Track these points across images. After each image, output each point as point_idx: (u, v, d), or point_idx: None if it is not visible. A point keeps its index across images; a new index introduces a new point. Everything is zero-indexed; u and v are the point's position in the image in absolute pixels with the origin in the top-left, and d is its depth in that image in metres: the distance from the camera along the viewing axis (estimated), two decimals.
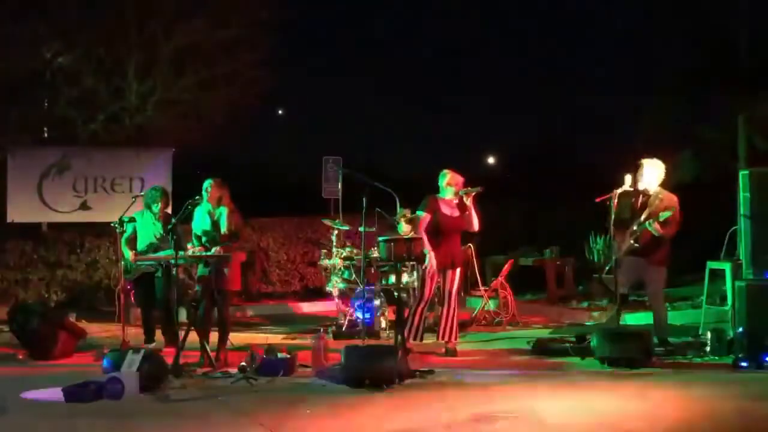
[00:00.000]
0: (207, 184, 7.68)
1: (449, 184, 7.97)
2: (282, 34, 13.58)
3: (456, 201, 7.98)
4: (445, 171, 8.04)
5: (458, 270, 8.04)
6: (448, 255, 7.91)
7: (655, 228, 7.68)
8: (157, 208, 8.49)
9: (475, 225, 8.00)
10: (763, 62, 11.82)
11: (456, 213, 7.99)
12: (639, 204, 7.87)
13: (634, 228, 7.82)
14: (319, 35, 17.06)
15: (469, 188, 7.93)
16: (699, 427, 5.48)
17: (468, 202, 7.91)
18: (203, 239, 7.67)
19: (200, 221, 7.68)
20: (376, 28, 18.19)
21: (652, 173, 7.87)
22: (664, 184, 8.05)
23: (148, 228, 8.51)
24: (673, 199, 7.85)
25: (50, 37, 12.61)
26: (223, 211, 7.65)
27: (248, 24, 13.16)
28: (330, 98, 18.36)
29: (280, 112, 20.35)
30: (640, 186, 7.87)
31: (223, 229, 7.59)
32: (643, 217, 7.80)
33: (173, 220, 7.66)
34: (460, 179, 7.99)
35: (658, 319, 7.98)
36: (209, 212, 7.69)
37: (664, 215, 7.62)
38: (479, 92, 19.02)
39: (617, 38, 14.13)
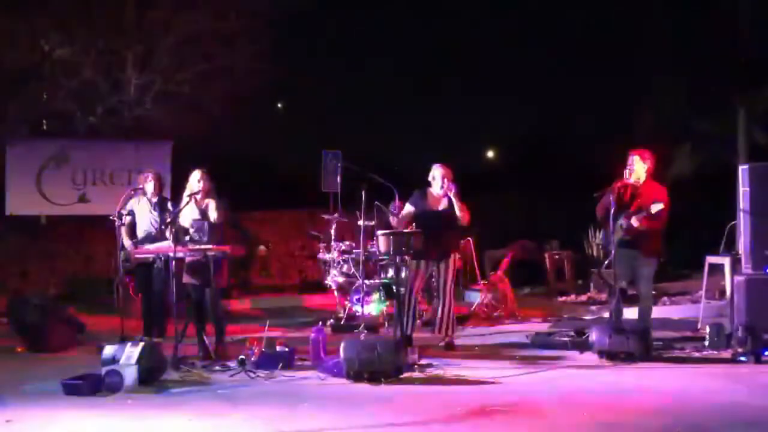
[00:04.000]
0: (197, 175, 7.69)
1: (433, 178, 8.00)
2: (282, 26, 13.54)
3: (443, 194, 7.97)
4: (435, 165, 8.06)
5: (451, 262, 8.01)
6: (438, 248, 7.90)
7: (636, 222, 7.65)
8: (149, 187, 8.50)
9: (462, 218, 7.95)
10: (764, 55, 11.80)
11: (443, 206, 7.98)
12: (628, 196, 7.84)
13: (623, 220, 7.78)
14: (318, 28, 16.99)
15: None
16: (698, 421, 5.48)
17: (451, 195, 7.91)
18: (191, 230, 7.67)
19: (188, 212, 7.68)
20: (376, 22, 18.13)
21: (641, 165, 7.85)
22: (660, 177, 8.04)
23: (144, 216, 8.55)
24: (662, 191, 7.83)
25: (49, 30, 12.58)
26: (211, 202, 7.67)
27: (248, 16, 13.12)
28: (330, 91, 18.31)
29: (279, 105, 20.31)
30: (630, 178, 7.84)
31: (213, 218, 7.60)
32: (633, 209, 7.77)
33: (173, 210, 7.68)
34: (439, 172, 7.98)
35: (643, 312, 7.96)
36: (196, 202, 7.69)
37: (656, 208, 7.59)
38: (479, 85, 18.96)
39: (616, 31, 14.09)
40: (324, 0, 15.60)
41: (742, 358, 7.16)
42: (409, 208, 8.08)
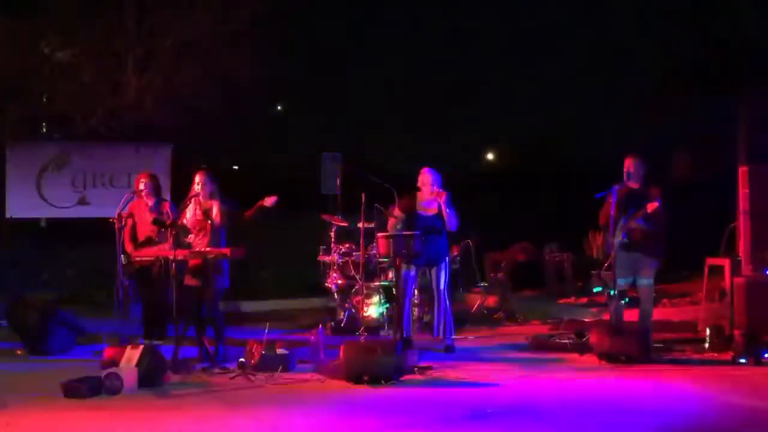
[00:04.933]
0: (199, 178, 7.70)
1: (423, 183, 8.00)
2: (281, 27, 13.54)
3: (432, 199, 7.97)
4: (423, 170, 8.06)
5: (443, 266, 8.01)
6: (430, 253, 7.90)
7: (633, 223, 7.65)
8: (143, 189, 8.49)
9: (451, 224, 7.95)
10: (764, 57, 11.80)
11: (433, 211, 7.99)
12: (627, 198, 7.84)
13: (623, 223, 7.78)
14: (318, 30, 17.00)
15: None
16: (698, 422, 5.48)
17: (441, 201, 7.91)
18: (192, 232, 7.68)
19: (192, 214, 7.69)
20: (376, 23, 18.15)
21: (637, 168, 7.85)
22: (660, 179, 8.05)
23: (142, 218, 8.56)
24: (658, 192, 7.83)
25: (49, 32, 12.58)
26: (215, 204, 7.67)
27: (247, 19, 13.12)
28: (329, 93, 18.31)
29: (279, 107, 20.31)
30: (629, 180, 7.85)
31: (216, 220, 7.61)
32: (631, 212, 7.77)
33: (173, 211, 7.69)
34: (428, 178, 7.98)
35: (643, 313, 7.96)
36: (200, 204, 7.70)
37: (651, 207, 7.61)
38: (479, 87, 18.97)
39: (617, 33, 14.09)
40: (324, 2, 15.62)
41: (742, 360, 7.17)
42: (399, 213, 8.09)
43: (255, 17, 13.02)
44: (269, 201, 7.64)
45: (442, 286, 7.99)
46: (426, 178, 7.99)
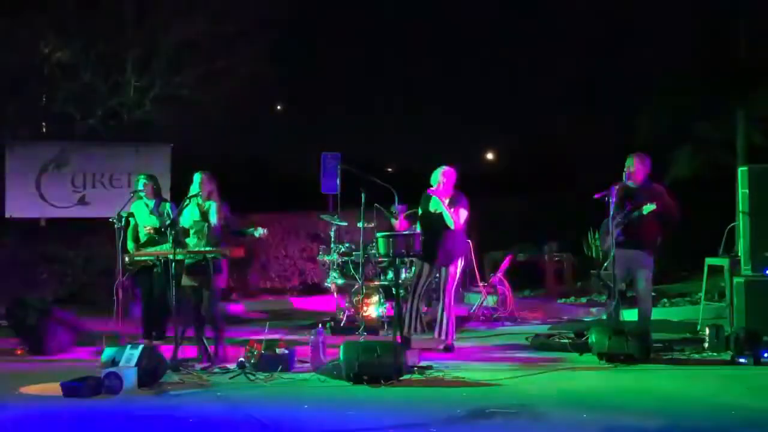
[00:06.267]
0: (198, 177, 7.70)
1: (433, 182, 8.01)
2: (281, 28, 13.55)
3: (441, 198, 7.96)
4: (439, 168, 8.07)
5: (454, 266, 8.02)
6: (442, 250, 7.90)
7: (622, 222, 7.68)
8: (140, 185, 8.49)
9: (452, 223, 7.93)
10: (763, 58, 11.81)
11: (446, 210, 7.98)
12: (626, 198, 7.84)
13: (619, 220, 7.78)
14: (318, 29, 17.02)
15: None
16: (697, 422, 5.49)
17: (446, 201, 7.91)
18: (191, 231, 7.68)
19: (189, 214, 7.69)
20: (375, 23, 18.18)
21: (640, 167, 7.86)
22: (659, 179, 8.05)
23: (143, 220, 8.57)
24: (661, 191, 7.82)
25: (49, 32, 12.58)
26: (212, 205, 7.67)
27: (247, 19, 13.13)
28: (329, 93, 18.33)
29: (279, 107, 20.31)
30: (629, 180, 7.85)
31: (213, 221, 7.61)
32: (628, 209, 7.77)
33: (170, 211, 7.70)
34: (438, 178, 7.97)
35: (642, 313, 7.95)
36: (198, 204, 7.71)
37: (648, 209, 7.63)
38: (479, 87, 19.01)
39: (617, 34, 14.11)
40: (323, 2, 15.63)
41: (742, 360, 7.17)
42: (420, 211, 8.11)
43: (255, 17, 13.03)
44: (259, 233, 7.74)
45: (450, 286, 7.98)
46: (437, 178, 7.99)
